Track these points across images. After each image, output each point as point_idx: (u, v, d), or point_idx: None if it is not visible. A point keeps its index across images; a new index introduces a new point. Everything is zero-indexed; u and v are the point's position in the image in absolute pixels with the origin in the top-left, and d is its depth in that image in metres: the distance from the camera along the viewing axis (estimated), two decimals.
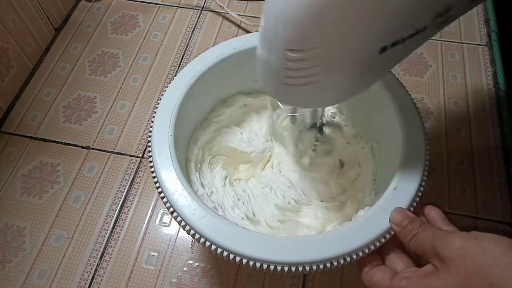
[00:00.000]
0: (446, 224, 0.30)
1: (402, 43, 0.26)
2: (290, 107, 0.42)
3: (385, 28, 0.25)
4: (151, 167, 0.34)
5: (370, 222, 0.30)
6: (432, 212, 0.31)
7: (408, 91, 0.38)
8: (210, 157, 0.43)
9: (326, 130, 0.43)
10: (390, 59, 0.28)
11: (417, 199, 0.31)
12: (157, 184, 0.33)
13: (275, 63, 0.27)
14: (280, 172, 0.43)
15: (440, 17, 0.27)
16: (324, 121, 0.43)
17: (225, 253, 0.30)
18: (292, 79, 0.27)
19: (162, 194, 0.33)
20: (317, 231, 0.38)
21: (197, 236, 0.30)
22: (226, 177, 0.42)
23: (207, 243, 0.30)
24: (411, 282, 0.27)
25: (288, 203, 0.40)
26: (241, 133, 0.44)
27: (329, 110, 0.45)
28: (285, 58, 0.25)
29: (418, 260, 0.30)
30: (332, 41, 0.25)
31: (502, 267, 0.23)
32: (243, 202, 0.40)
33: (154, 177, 0.34)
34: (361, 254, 0.29)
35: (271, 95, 0.32)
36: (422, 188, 0.32)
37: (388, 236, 0.30)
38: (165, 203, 0.32)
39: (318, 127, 0.42)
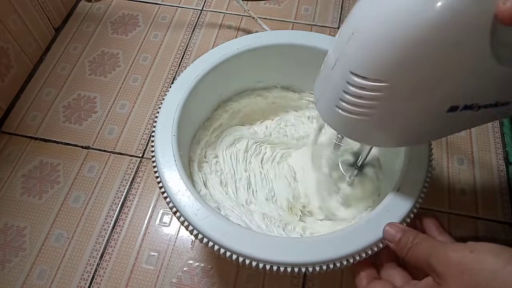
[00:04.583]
0: (441, 233, 0.30)
1: (476, 110, 0.24)
2: (338, 135, 0.39)
3: (460, 89, 0.23)
4: (154, 167, 0.34)
5: (372, 224, 0.30)
6: (429, 223, 0.31)
7: None
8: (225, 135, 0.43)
9: (367, 170, 0.41)
10: (459, 121, 0.26)
11: (421, 200, 0.31)
12: (160, 184, 0.33)
13: (335, 80, 0.25)
14: (295, 177, 0.42)
15: None
16: (365, 161, 0.40)
17: (228, 254, 0.30)
18: (346, 104, 0.25)
19: (165, 194, 0.32)
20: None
21: (200, 236, 0.30)
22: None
23: (210, 243, 0.30)
24: None
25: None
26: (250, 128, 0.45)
27: None
28: (346, 80, 0.24)
29: (414, 273, 0.30)
30: (400, 82, 0.23)
31: (502, 281, 0.22)
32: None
33: (157, 177, 0.33)
34: (364, 255, 0.29)
35: (317, 109, 0.29)
36: (425, 190, 0.32)
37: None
38: (168, 203, 0.32)
39: (358, 165, 0.40)
